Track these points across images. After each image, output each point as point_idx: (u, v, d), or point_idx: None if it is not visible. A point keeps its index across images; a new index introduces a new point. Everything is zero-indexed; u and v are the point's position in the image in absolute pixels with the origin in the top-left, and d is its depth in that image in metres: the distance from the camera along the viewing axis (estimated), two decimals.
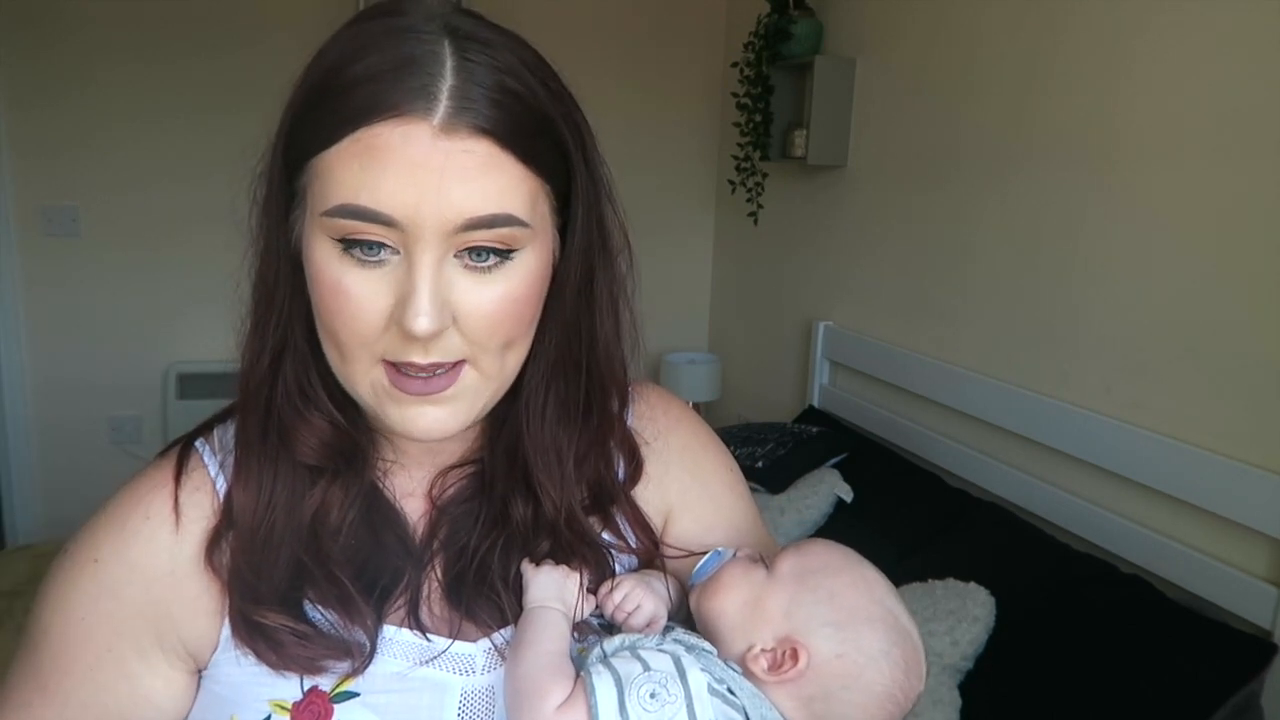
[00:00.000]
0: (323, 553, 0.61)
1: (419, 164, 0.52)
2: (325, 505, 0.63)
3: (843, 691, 0.60)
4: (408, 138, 0.52)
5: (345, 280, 0.55)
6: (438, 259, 0.54)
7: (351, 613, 0.60)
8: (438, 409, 0.58)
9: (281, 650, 0.59)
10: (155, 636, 0.61)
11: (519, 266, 0.57)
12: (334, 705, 0.58)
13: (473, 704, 0.61)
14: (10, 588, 1.93)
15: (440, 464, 0.69)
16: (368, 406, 0.60)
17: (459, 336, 0.56)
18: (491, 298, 0.56)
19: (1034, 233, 1.91)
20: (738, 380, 3.20)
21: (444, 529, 0.66)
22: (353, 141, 0.52)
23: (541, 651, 0.59)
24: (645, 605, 0.64)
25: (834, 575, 0.63)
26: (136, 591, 0.61)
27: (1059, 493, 1.83)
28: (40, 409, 2.84)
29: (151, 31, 2.70)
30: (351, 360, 0.57)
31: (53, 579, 0.62)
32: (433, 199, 0.52)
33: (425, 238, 0.53)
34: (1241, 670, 1.36)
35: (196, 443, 0.66)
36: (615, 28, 3.12)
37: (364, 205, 0.52)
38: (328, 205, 0.53)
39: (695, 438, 0.78)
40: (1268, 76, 1.44)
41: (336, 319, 0.56)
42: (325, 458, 0.63)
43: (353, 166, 0.52)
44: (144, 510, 0.62)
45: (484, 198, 0.53)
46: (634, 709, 0.54)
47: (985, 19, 2.02)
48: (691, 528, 0.73)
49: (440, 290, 0.54)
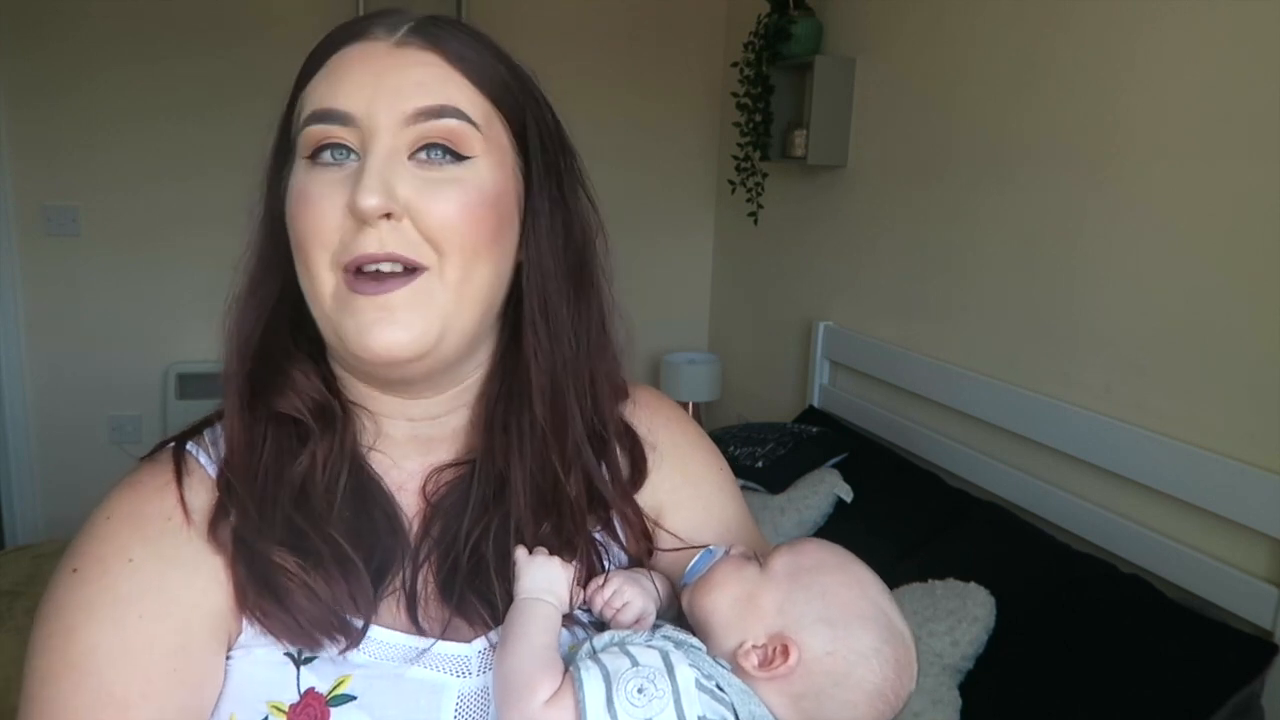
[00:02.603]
0: (316, 515, 0.62)
1: (374, 70, 0.59)
2: (312, 467, 0.63)
3: (833, 689, 0.60)
4: (366, 51, 0.60)
5: (309, 185, 0.60)
6: (389, 150, 0.59)
7: (350, 577, 0.60)
8: (387, 324, 0.59)
9: (288, 598, 0.58)
10: (210, 625, 0.60)
11: (472, 173, 0.61)
12: (330, 708, 0.58)
13: (468, 705, 0.60)
14: (10, 588, 1.92)
15: (433, 461, 0.68)
16: (331, 326, 0.61)
17: (416, 234, 0.59)
18: (445, 194, 0.60)
19: (1034, 232, 1.91)
20: (738, 380, 3.20)
21: (437, 526, 0.66)
22: (325, 68, 0.61)
23: (531, 645, 0.59)
24: (634, 602, 0.64)
25: (827, 573, 0.63)
26: (181, 585, 0.59)
27: (1059, 493, 1.83)
28: (40, 409, 2.84)
29: (152, 31, 2.70)
30: (314, 267, 0.60)
31: (73, 594, 0.58)
32: (386, 96, 0.59)
33: (378, 132, 0.59)
34: (1241, 670, 1.36)
35: (188, 445, 0.66)
36: (615, 28, 3.12)
37: (325, 106, 0.59)
38: (301, 121, 0.61)
39: (685, 437, 0.79)
40: (1266, 75, 1.44)
41: (299, 222, 0.60)
42: (312, 411, 0.64)
43: (322, 84, 0.61)
44: (160, 511, 0.61)
45: (433, 94, 0.60)
46: (621, 704, 0.54)
47: (985, 19, 2.02)
48: (681, 527, 0.73)
49: (388, 177, 0.58)
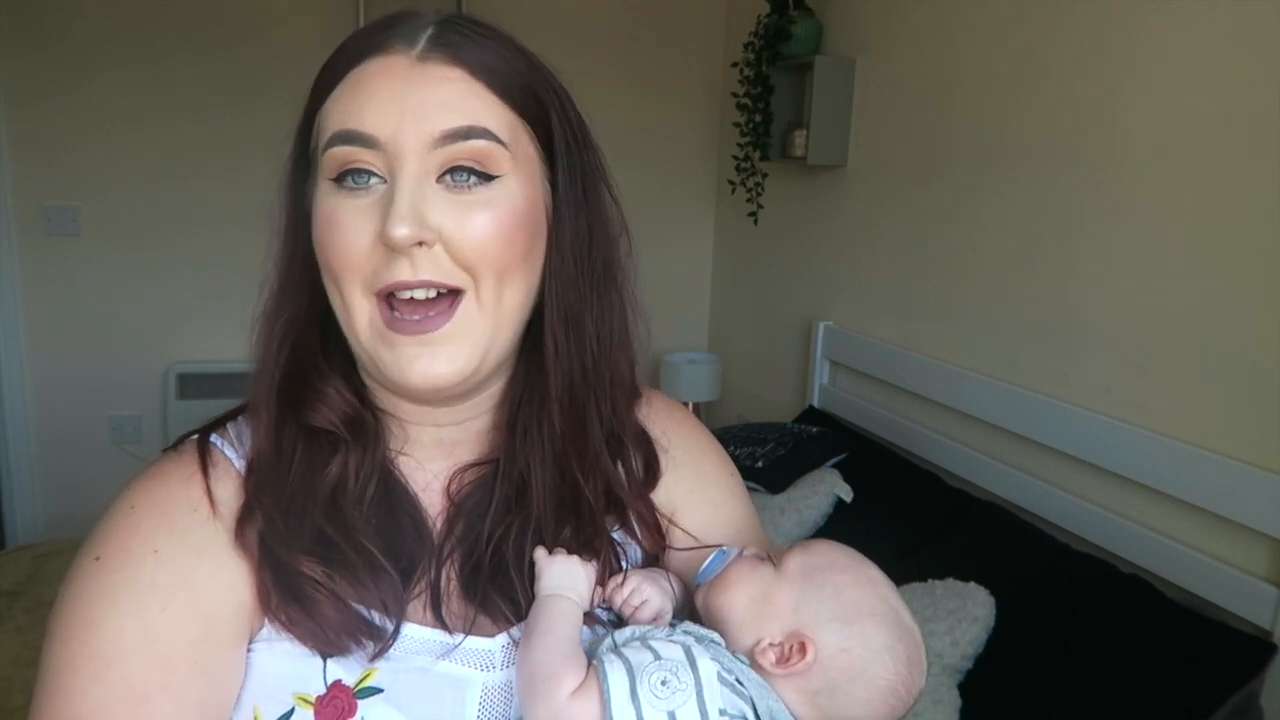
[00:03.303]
0: (348, 524, 0.61)
1: (398, 89, 0.58)
2: (343, 476, 0.63)
3: (848, 685, 0.61)
4: (388, 67, 0.58)
5: (338, 211, 0.59)
6: (417, 175, 0.57)
7: (380, 584, 0.60)
8: (428, 359, 0.59)
9: (314, 608, 0.58)
10: (233, 618, 0.59)
11: (502, 193, 0.60)
12: (357, 700, 0.59)
13: (492, 699, 0.61)
14: (10, 588, 1.92)
15: (457, 461, 0.69)
16: (367, 355, 0.61)
17: (448, 258, 0.59)
18: (476, 219, 0.59)
19: (1034, 232, 1.91)
20: (738, 380, 3.20)
21: (460, 525, 0.67)
22: (345, 83, 0.59)
23: (555, 639, 0.60)
24: (652, 599, 0.66)
25: (840, 573, 0.64)
26: (206, 577, 0.59)
27: (1059, 493, 1.83)
28: (40, 409, 2.84)
29: (152, 31, 2.70)
30: (347, 294, 0.59)
31: (95, 583, 0.58)
32: (411, 119, 0.57)
33: (405, 156, 0.57)
34: (1241, 670, 1.36)
35: (212, 437, 0.66)
36: (615, 28, 3.12)
37: (350, 128, 0.58)
38: (323, 140, 0.59)
39: (698, 442, 0.80)
40: (1266, 75, 1.44)
41: (329, 249, 0.59)
42: (344, 423, 0.64)
43: (343, 101, 0.59)
44: (187, 501, 0.61)
45: (459, 113, 0.58)
46: (646, 696, 0.55)
47: (985, 19, 2.03)
48: (694, 528, 0.74)
49: (418, 204, 0.57)
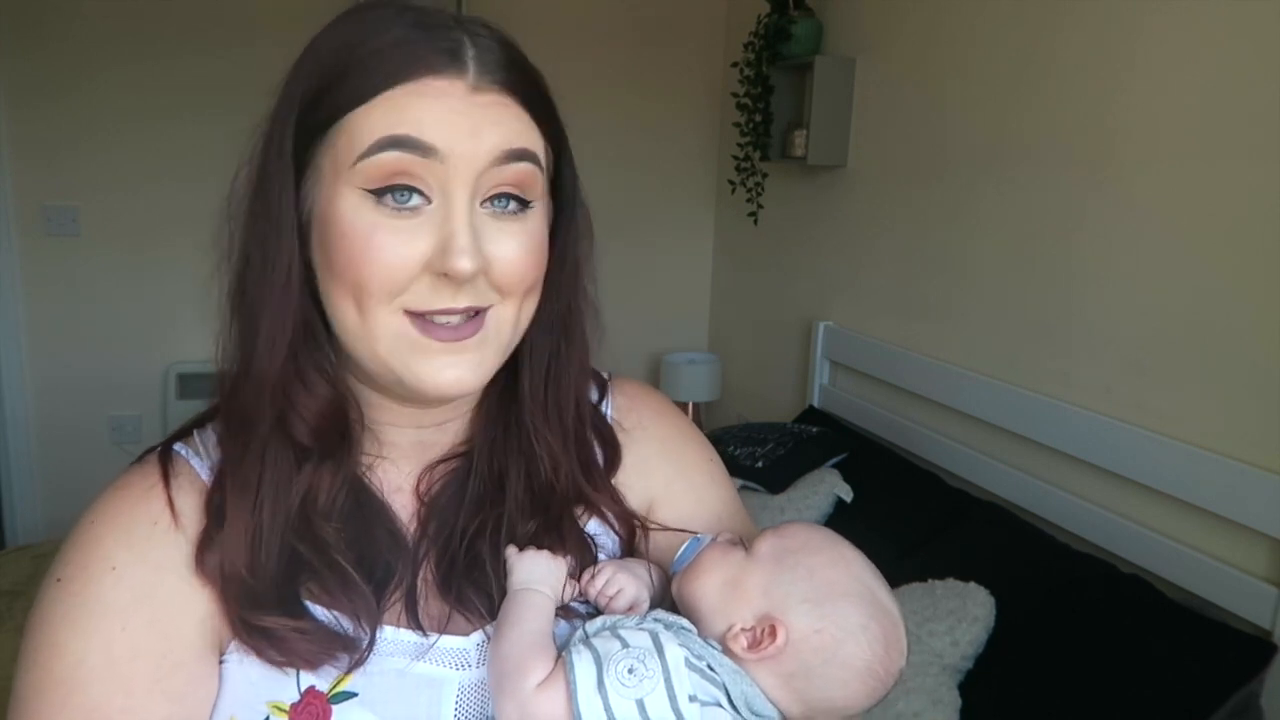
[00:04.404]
0: (319, 540, 0.61)
1: (457, 110, 0.57)
2: (313, 489, 0.62)
3: (822, 667, 0.61)
4: (446, 91, 0.57)
5: (379, 231, 0.56)
6: (468, 200, 0.57)
7: (355, 600, 0.60)
8: (460, 366, 0.60)
9: (285, 646, 0.58)
10: (199, 631, 0.59)
11: (534, 218, 0.61)
12: (332, 705, 0.58)
13: (469, 697, 0.61)
14: (10, 588, 1.93)
15: (427, 458, 0.69)
16: (385, 366, 0.60)
17: (485, 283, 0.59)
18: (517, 245, 0.60)
19: (1034, 232, 1.91)
20: (738, 380, 3.20)
21: (433, 523, 0.66)
22: (392, 93, 0.56)
23: (522, 631, 0.59)
24: (627, 589, 0.65)
25: (812, 554, 0.64)
26: (169, 591, 0.58)
27: (1059, 493, 1.83)
28: (40, 409, 2.84)
29: (152, 31, 2.70)
30: (373, 313, 0.58)
31: (58, 605, 0.57)
32: (468, 137, 0.57)
33: (461, 174, 0.57)
34: (1241, 670, 1.36)
35: (176, 447, 0.65)
36: (615, 28, 3.12)
37: (409, 134, 0.55)
38: (366, 145, 0.56)
39: (675, 429, 0.79)
40: (1266, 75, 1.44)
41: (366, 270, 0.57)
42: (318, 434, 0.62)
43: (395, 108, 0.56)
44: (147, 514, 0.60)
45: (514, 135, 0.59)
46: (612, 685, 0.55)
47: (985, 19, 2.02)
48: (675, 519, 0.74)
49: (476, 235, 0.57)
